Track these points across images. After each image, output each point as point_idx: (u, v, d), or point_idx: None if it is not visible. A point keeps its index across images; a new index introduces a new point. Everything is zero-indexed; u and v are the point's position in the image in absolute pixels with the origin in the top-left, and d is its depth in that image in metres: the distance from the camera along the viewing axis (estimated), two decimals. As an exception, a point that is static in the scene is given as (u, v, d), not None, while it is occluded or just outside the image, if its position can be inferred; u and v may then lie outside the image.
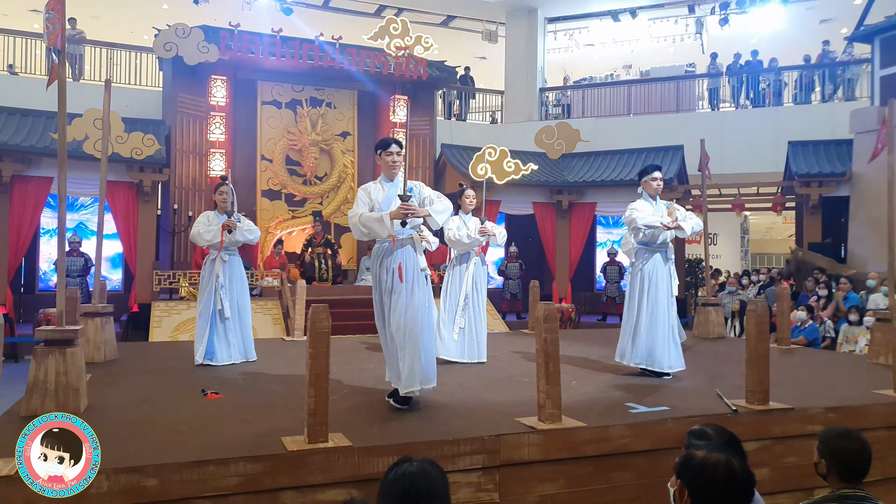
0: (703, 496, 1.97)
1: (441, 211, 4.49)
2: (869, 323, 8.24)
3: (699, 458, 2.00)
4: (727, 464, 1.97)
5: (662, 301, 5.63)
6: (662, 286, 5.67)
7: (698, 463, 2.00)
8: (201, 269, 6.29)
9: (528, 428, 3.71)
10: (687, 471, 2.01)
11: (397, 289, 4.31)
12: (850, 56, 15.73)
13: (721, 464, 1.97)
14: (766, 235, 24.93)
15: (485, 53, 21.20)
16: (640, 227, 5.61)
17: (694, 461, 2.01)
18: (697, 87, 17.52)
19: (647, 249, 5.75)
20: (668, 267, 5.80)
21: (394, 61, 13.60)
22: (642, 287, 5.66)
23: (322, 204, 14.07)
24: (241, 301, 6.23)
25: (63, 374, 4.03)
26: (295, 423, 3.61)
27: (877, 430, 4.35)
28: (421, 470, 1.75)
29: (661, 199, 5.87)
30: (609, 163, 15.17)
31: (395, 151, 4.57)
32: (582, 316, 14.15)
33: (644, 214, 5.63)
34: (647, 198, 5.83)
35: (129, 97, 13.68)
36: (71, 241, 11.55)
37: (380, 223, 4.31)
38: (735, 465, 1.98)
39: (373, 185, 4.66)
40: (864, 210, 12.45)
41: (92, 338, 5.95)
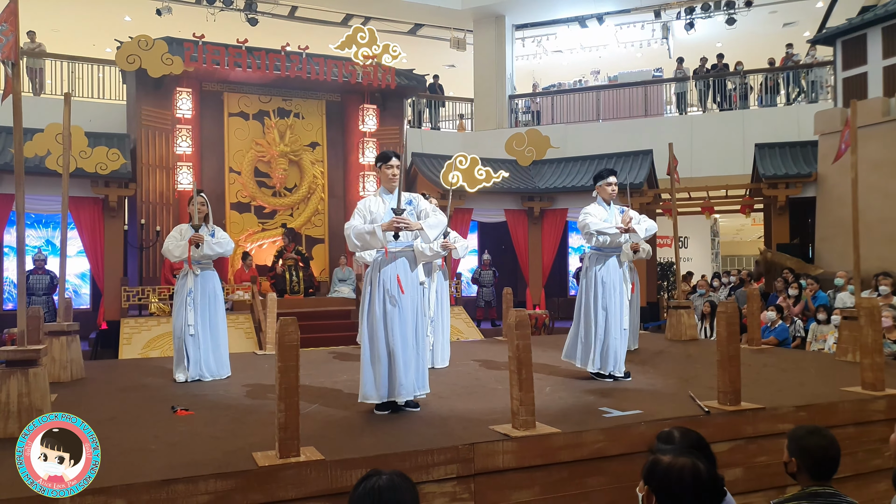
0: (670, 501, 1.97)
1: (433, 225, 4.53)
2: (836, 321, 8.38)
3: (665, 463, 2.01)
4: (693, 468, 1.97)
5: (615, 306, 5.66)
6: (616, 290, 5.70)
7: (664, 468, 2.00)
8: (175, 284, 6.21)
9: (502, 435, 3.69)
10: (653, 476, 2.01)
11: (397, 301, 4.45)
12: (813, 59, 16.04)
13: (687, 468, 1.97)
14: (736, 237, 25.28)
15: (453, 61, 21.27)
16: (592, 232, 5.65)
17: (660, 466, 2.01)
18: (665, 91, 17.73)
19: (601, 254, 5.78)
20: (623, 271, 5.82)
21: (362, 70, 13.58)
22: (596, 292, 5.69)
23: (292, 216, 13.97)
24: (213, 317, 6.12)
25: (26, 395, 3.93)
26: (266, 438, 3.56)
27: (846, 427, 4.41)
28: (390, 483, 1.72)
29: (614, 204, 5.90)
30: (580, 169, 15.28)
31: (395, 164, 4.67)
32: (556, 322, 14.19)
33: (597, 220, 5.67)
34: (601, 202, 5.86)
35: (93, 111, 13.45)
36: (36, 258, 11.31)
37: (372, 236, 4.40)
38: (701, 468, 1.98)
39: (372, 198, 4.72)
40: (829, 210, 12.68)
41: (58, 357, 5.82)
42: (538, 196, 15.02)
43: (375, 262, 4.57)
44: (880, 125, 11.53)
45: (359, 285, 12.31)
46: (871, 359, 4.97)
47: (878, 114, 11.57)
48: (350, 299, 12.63)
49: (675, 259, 8.96)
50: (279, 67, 12.98)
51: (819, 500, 2.59)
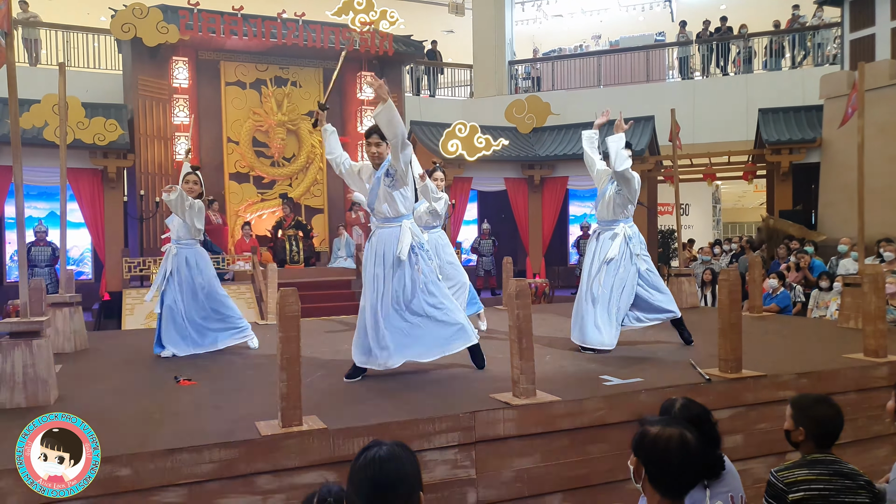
0: (659, 472, 1.97)
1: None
2: (839, 288, 8.37)
3: (652, 434, 2.00)
4: (680, 438, 1.97)
5: (584, 275, 5.60)
6: (588, 259, 5.64)
7: (651, 440, 2.00)
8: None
9: (503, 404, 3.71)
10: (641, 448, 2.02)
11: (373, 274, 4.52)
12: (819, 20, 15.76)
13: (674, 439, 1.96)
14: (738, 204, 25.19)
15: (452, 27, 20.99)
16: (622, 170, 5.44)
17: (647, 438, 2.01)
18: (667, 56, 17.51)
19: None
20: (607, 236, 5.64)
21: (359, 37, 13.41)
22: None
23: (291, 185, 13.91)
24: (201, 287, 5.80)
25: (31, 366, 3.95)
26: (269, 408, 3.58)
27: (847, 394, 4.43)
28: (390, 454, 1.72)
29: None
30: (580, 136, 15.14)
31: (373, 143, 4.58)
32: (556, 290, 14.22)
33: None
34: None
35: (89, 81, 13.33)
36: (37, 230, 11.30)
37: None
38: (689, 438, 1.97)
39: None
40: (834, 176, 12.60)
41: (61, 328, 5.85)
42: (538, 164, 14.93)
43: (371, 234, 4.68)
44: (887, 88, 11.41)
45: (358, 255, 12.31)
46: (873, 325, 4.97)
47: (885, 76, 11.43)
48: (350, 269, 12.64)
49: (677, 226, 8.93)
50: (276, 35, 12.82)
51: (819, 466, 2.60)
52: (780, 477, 2.61)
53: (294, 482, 3.21)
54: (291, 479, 3.22)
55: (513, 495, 3.59)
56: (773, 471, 2.67)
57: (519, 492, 3.60)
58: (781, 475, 2.62)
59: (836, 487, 2.54)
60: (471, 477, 3.51)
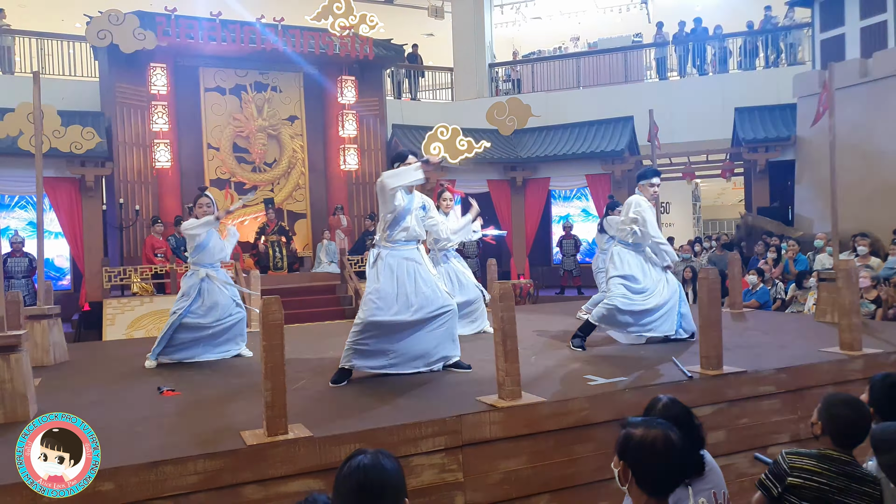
0: (646, 473, 2.00)
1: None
2: (814, 283, 8.48)
3: (637, 437, 2.02)
4: (665, 438, 1.99)
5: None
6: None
7: (637, 442, 2.02)
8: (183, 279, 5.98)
9: (489, 406, 3.72)
10: (627, 451, 2.03)
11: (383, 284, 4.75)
12: (791, 21, 15.98)
13: (659, 440, 1.99)
14: (718, 202, 25.41)
15: (432, 30, 21.01)
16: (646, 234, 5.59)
17: (633, 441, 2.03)
18: (645, 57, 17.65)
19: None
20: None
21: (339, 42, 13.38)
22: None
23: (273, 191, 13.85)
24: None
25: (8, 381, 3.90)
26: (254, 417, 3.56)
27: (824, 387, 4.49)
28: (374, 462, 1.73)
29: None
30: (561, 137, 15.24)
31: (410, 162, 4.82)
32: (540, 290, 14.28)
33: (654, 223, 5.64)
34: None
35: (65, 89, 13.16)
36: (13, 241, 11.14)
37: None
38: (673, 437, 2.00)
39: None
40: (808, 173, 12.76)
41: (39, 341, 5.78)
42: (520, 165, 14.99)
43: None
44: (858, 86, 11.58)
45: (342, 259, 12.28)
46: (848, 319, 5.05)
47: (855, 75, 11.60)
48: (335, 274, 12.60)
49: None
50: (255, 40, 12.76)
51: (829, 462, 2.60)
52: (787, 459, 2.63)
53: (280, 491, 3.20)
54: (278, 488, 3.20)
55: (500, 497, 3.60)
56: (784, 451, 2.68)
57: (506, 494, 3.61)
58: (790, 458, 2.63)
59: (837, 486, 2.54)
60: (458, 480, 3.52)
